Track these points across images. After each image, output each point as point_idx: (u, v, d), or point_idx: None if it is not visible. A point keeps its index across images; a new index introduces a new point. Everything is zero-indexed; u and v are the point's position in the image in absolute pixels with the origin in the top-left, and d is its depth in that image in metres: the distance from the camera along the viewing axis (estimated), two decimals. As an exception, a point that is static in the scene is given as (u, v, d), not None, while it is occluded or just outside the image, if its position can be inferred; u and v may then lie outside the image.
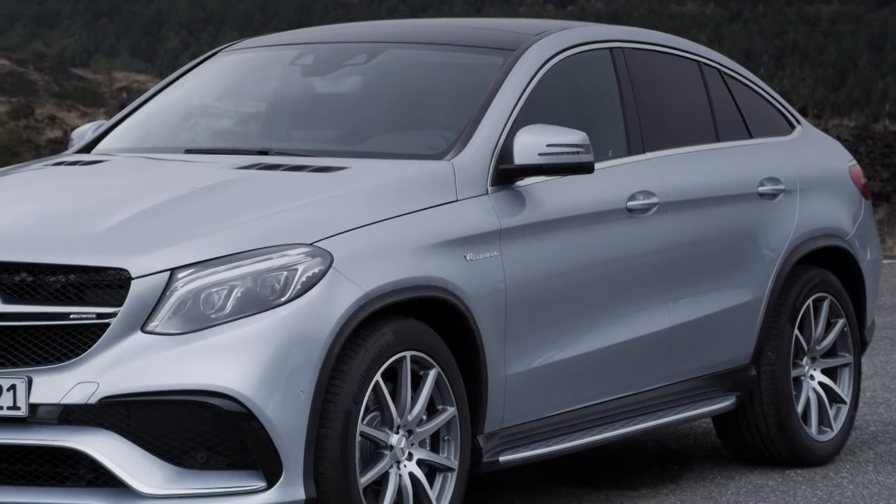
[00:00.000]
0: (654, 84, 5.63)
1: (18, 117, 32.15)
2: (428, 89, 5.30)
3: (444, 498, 4.58)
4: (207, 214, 4.45)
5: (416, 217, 4.63)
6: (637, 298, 5.31)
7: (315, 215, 4.47)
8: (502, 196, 4.90)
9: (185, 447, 4.18)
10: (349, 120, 5.30)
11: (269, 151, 5.08)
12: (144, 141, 5.43)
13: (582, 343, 5.09)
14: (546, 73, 5.22)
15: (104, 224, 4.38)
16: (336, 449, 4.27)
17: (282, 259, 4.30)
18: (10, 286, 4.28)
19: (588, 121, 5.31)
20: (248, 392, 4.16)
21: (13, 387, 4.20)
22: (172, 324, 4.22)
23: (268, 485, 4.18)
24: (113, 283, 4.24)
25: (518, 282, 4.84)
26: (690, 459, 6.04)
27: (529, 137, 4.90)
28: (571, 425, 5.11)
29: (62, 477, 4.21)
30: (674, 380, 5.50)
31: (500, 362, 4.78)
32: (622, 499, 5.41)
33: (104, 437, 4.16)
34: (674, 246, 5.44)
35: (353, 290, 4.34)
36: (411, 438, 4.53)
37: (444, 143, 4.96)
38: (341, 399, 4.30)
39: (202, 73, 5.70)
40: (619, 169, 5.35)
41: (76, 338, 4.23)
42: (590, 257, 5.13)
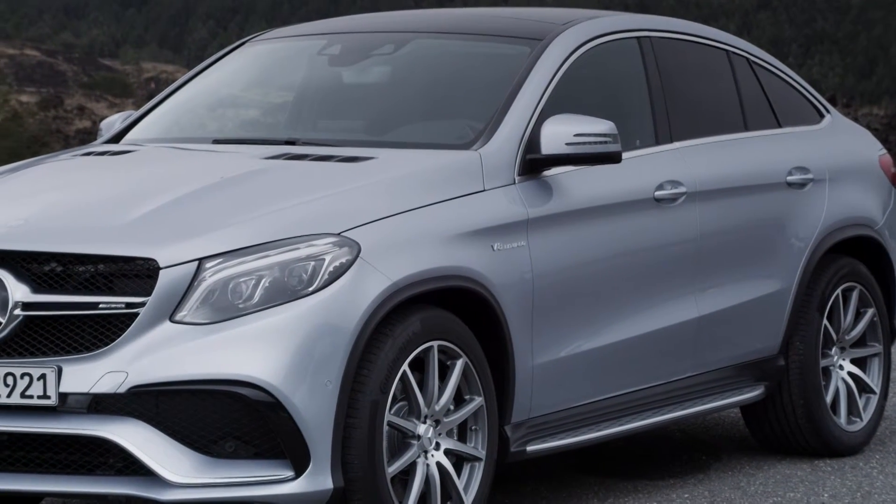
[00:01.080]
0: (681, 73, 5.61)
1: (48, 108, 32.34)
2: (455, 79, 5.30)
3: (472, 488, 4.58)
4: (235, 204, 4.46)
5: (443, 207, 4.63)
6: (664, 288, 5.30)
7: (342, 205, 4.48)
8: (529, 186, 4.89)
9: (214, 436, 4.20)
10: (376, 110, 5.31)
11: (297, 141, 5.09)
12: (172, 131, 5.45)
13: (609, 333, 5.08)
14: (573, 62, 5.21)
15: (133, 214, 4.40)
16: (363, 439, 4.28)
17: (309, 249, 4.31)
18: (39, 276, 4.30)
19: (616, 110, 5.29)
20: (275, 382, 4.17)
21: (43, 376, 4.22)
22: (201, 313, 4.24)
23: (295, 474, 4.20)
24: (141, 273, 4.26)
25: (545, 272, 4.83)
26: (718, 449, 6.03)
27: (557, 127, 4.89)
28: (599, 415, 5.11)
29: (92, 465, 4.23)
30: (702, 370, 5.49)
31: (528, 352, 4.78)
32: (650, 489, 5.40)
33: (133, 426, 4.18)
34: (701, 236, 5.43)
35: (381, 280, 4.35)
36: (439, 428, 4.54)
37: (471, 133, 4.96)
38: (369, 389, 4.30)
39: (230, 63, 5.71)
40: (646, 158, 5.34)
41: (105, 327, 4.25)
42: (617, 247, 5.12)
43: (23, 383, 4.23)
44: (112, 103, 33.78)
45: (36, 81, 37.65)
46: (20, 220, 4.41)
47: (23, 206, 4.54)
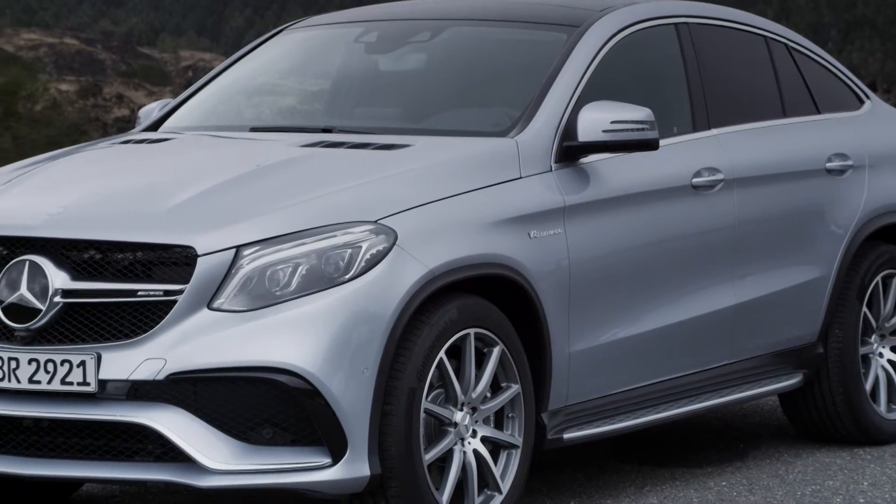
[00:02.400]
0: (719, 60, 5.58)
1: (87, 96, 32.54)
2: (492, 66, 5.29)
3: (509, 475, 4.59)
4: (272, 192, 4.48)
5: (479, 194, 4.63)
6: (702, 275, 5.28)
7: (379, 193, 4.48)
8: (566, 173, 4.88)
9: (251, 423, 4.21)
10: (413, 97, 5.30)
11: (333, 129, 5.10)
12: (210, 119, 5.47)
13: (646, 320, 5.07)
14: (611, 49, 5.19)
15: (171, 202, 4.42)
16: (400, 426, 4.29)
17: (346, 237, 4.32)
18: (79, 263, 4.33)
19: (653, 97, 5.27)
20: (313, 369, 4.18)
21: (83, 363, 4.25)
22: (238, 301, 4.25)
23: (333, 461, 4.21)
24: (179, 261, 4.28)
25: (582, 259, 4.82)
26: (757, 437, 6.01)
27: (594, 114, 4.88)
28: (636, 403, 5.10)
29: (131, 452, 4.26)
30: (739, 357, 5.47)
31: (564, 339, 4.77)
32: (687, 476, 5.39)
33: (171, 412, 4.21)
34: (739, 223, 5.40)
35: (418, 268, 4.35)
36: (475, 416, 4.54)
37: (507, 121, 4.95)
38: (405, 376, 4.31)
39: (267, 51, 5.72)
40: (684, 145, 5.31)
41: (144, 315, 4.27)
42: (654, 234, 5.10)
43: (63, 370, 4.26)
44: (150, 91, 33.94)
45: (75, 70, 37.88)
46: (60, 208, 4.44)
47: (62, 194, 4.57)
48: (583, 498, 5.10)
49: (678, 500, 5.07)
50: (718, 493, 5.17)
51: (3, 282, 4.34)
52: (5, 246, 4.42)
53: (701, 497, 5.11)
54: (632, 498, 5.10)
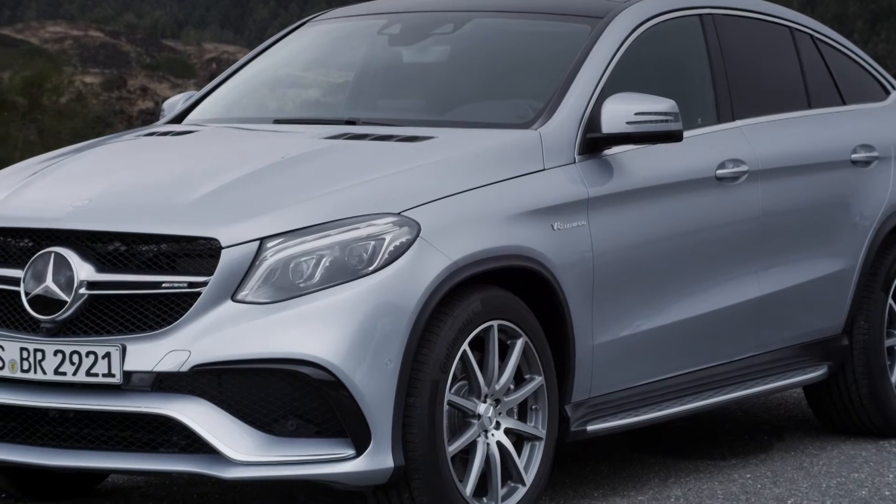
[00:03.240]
0: (744, 51, 5.55)
1: (111, 88, 32.64)
2: (515, 58, 5.28)
3: (532, 467, 4.59)
4: (296, 184, 4.48)
5: (503, 186, 4.63)
6: (726, 267, 5.26)
7: (402, 185, 4.48)
8: (590, 165, 4.87)
9: (275, 415, 4.22)
10: (436, 89, 5.30)
11: (357, 121, 5.10)
12: (234, 111, 5.48)
13: (670, 312, 5.06)
14: (634, 40, 5.18)
15: (195, 194, 4.43)
16: (424, 418, 4.29)
17: (369, 228, 4.32)
18: (103, 255, 4.35)
19: (677, 89, 5.26)
20: (336, 361, 4.19)
21: (108, 354, 4.27)
22: (262, 293, 4.26)
23: (356, 452, 4.22)
24: (203, 253, 4.29)
25: (606, 251, 4.81)
26: (781, 430, 5.99)
27: (617, 106, 4.87)
28: (660, 395, 5.09)
29: (156, 443, 4.28)
30: (764, 349, 5.45)
31: (588, 331, 4.77)
32: (711, 469, 5.38)
33: (196, 404, 4.22)
34: (764, 214, 5.38)
35: (441, 260, 4.35)
36: (499, 407, 4.54)
37: (531, 112, 4.95)
38: (429, 368, 4.31)
39: (290, 43, 5.73)
40: (708, 137, 5.30)
41: (168, 306, 4.28)
42: (678, 226, 5.09)
43: (88, 361, 4.28)
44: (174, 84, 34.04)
45: (100, 62, 38.00)
46: (85, 200, 4.46)
47: (87, 186, 4.59)
48: (606, 490, 5.10)
49: (702, 492, 5.07)
50: (742, 485, 5.16)
51: (28, 273, 4.36)
52: (31, 238, 4.44)
53: (725, 489, 5.10)
54: (655, 490, 5.09)
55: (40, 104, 26.81)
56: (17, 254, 4.44)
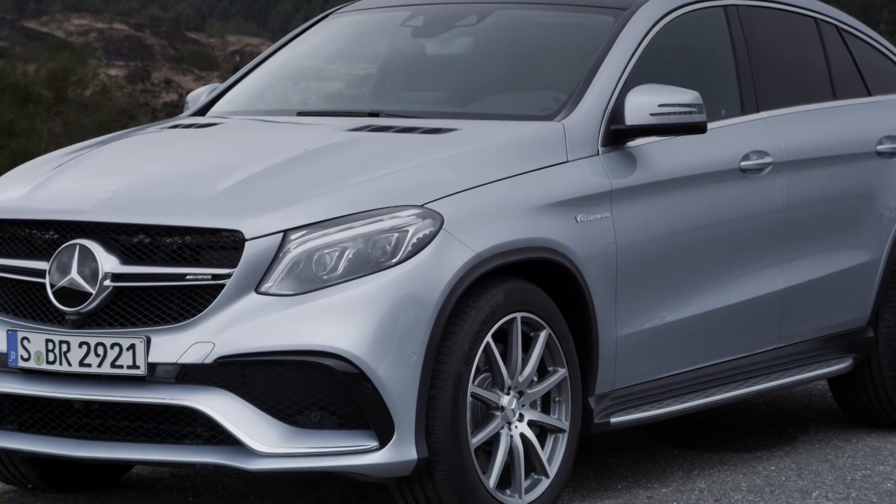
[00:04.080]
0: (768, 42, 5.53)
1: (135, 81, 32.75)
2: (538, 50, 5.27)
3: (556, 459, 4.58)
4: (319, 176, 4.49)
5: (526, 178, 4.62)
6: (750, 259, 5.25)
7: (425, 177, 4.48)
8: (613, 157, 4.87)
9: (299, 407, 4.23)
10: (459, 81, 5.30)
11: (380, 113, 5.10)
12: (257, 104, 5.49)
13: (694, 304, 5.05)
14: (658, 32, 5.16)
15: (219, 186, 4.44)
16: (447, 410, 4.29)
17: (393, 221, 4.32)
18: (128, 247, 4.36)
19: (701, 80, 5.24)
20: (359, 353, 4.19)
21: (132, 346, 4.28)
22: (285, 285, 4.27)
23: (380, 444, 4.22)
24: (227, 245, 4.30)
25: (629, 243, 4.80)
26: (805, 422, 5.98)
27: (641, 97, 4.86)
28: (683, 387, 5.08)
29: (180, 435, 4.29)
30: (788, 341, 5.44)
31: (611, 324, 4.76)
32: (735, 461, 5.37)
33: (220, 396, 4.23)
34: (788, 206, 5.36)
35: (464, 252, 4.35)
36: (522, 400, 4.54)
37: (554, 104, 4.94)
38: (452, 360, 4.31)
39: (314, 35, 5.73)
40: (732, 128, 5.28)
41: (192, 298, 4.30)
42: (702, 218, 5.08)
43: (113, 353, 4.30)
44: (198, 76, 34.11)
45: (124, 55, 38.11)
46: (109, 193, 4.47)
47: (112, 178, 4.60)
48: (630, 482, 5.09)
49: (726, 484, 5.06)
50: (767, 477, 5.15)
51: (54, 266, 4.38)
52: (56, 230, 4.46)
53: (749, 482, 5.09)
54: (679, 482, 5.08)
55: (65, 97, 26.93)
56: (43, 246, 4.46)
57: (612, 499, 4.88)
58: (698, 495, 4.93)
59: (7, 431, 4.47)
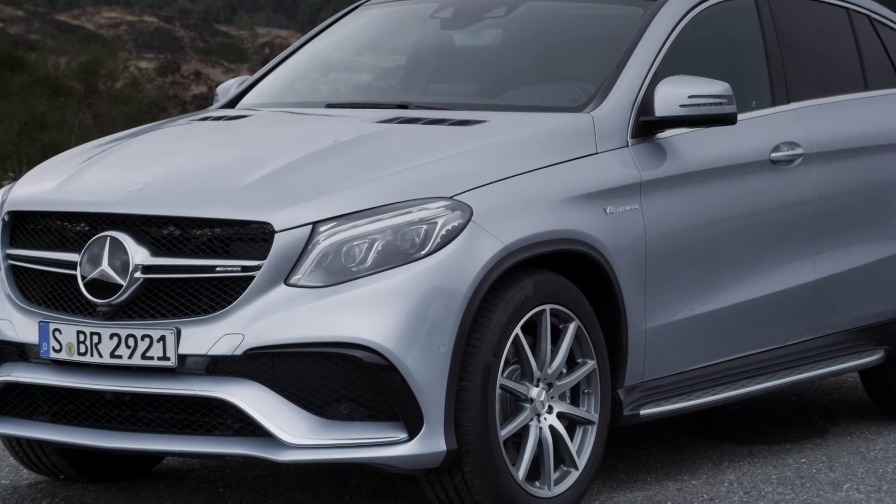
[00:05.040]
0: (799, 32, 5.50)
1: (165, 73, 32.84)
2: (567, 41, 5.26)
3: (585, 451, 4.58)
4: (348, 168, 4.49)
5: (555, 170, 4.62)
6: (781, 251, 5.23)
7: (454, 169, 4.48)
8: (642, 148, 4.85)
9: (328, 398, 4.24)
10: (488, 73, 5.29)
11: (409, 105, 5.10)
12: (286, 96, 5.50)
13: (724, 296, 5.03)
14: (688, 22, 5.14)
15: (248, 178, 4.45)
16: (476, 401, 4.29)
17: (421, 213, 4.32)
18: (158, 239, 4.38)
19: (731, 71, 5.22)
20: (388, 344, 4.20)
21: (163, 338, 4.30)
22: (315, 277, 4.28)
23: (409, 436, 4.23)
24: (257, 237, 4.31)
25: (659, 235, 4.79)
26: (837, 414, 5.95)
27: (671, 89, 4.84)
28: (713, 379, 5.06)
29: (210, 426, 4.31)
30: (819, 333, 5.41)
31: (641, 316, 4.75)
32: (766, 453, 5.35)
33: (250, 387, 4.24)
34: (819, 197, 5.34)
35: (493, 244, 4.35)
36: (551, 391, 4.53)
37: (583, 96, 4.93)
38: (481, 352, 4.31)
39: (343, 28, 5.74)
40: (762, 120, 5.26)
41: (222, 290, 4.31)
42: (732, 210, 5.06)
43: (143, 345, 4.32)
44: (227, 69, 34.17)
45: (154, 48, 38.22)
46: (140, 185, 4.49)
47: (142, 170, 4.62)
48: (659, 474, 5.08)
49: (756, 476, 5.04)
50: (797, 469, 5.13)
51: (85, 258, 4.40)
52: (87, 222, 4.48)
53: (780, 474, 5.07)
54: (709, 474, 5.07)
55: (96, 89, 27.04)
56: (74, 238, 4.49)
57: (642, 491, 4.87)
58: (728, 487, 4.92)
59: (39, 422, 4.50)
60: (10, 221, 4.64)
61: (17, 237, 4.62)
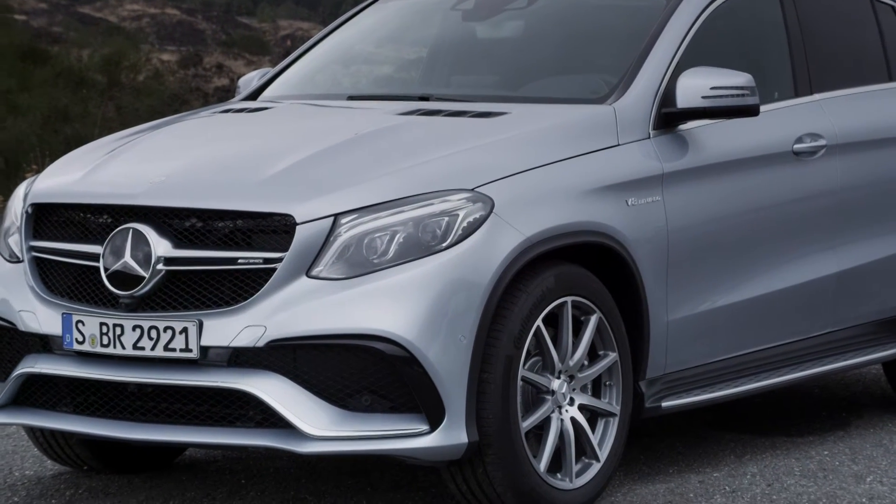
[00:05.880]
0: (822, 23, 5.48)
1: (187, 66, 32.88)
2: (589, 33, 5.25)
3: (606, 443, 4.58)
4: (369, 160, 4.49)
5: (577, 162, 4.61)
6: (803, 243, 5.21)
7: (476, 161, 4.48)
8: (664, 140, 4.84)
9: (350, 390, 4.25)
10: (510, 65, 5.29)
11: (430, 97, 5.10)
12: (308, 88, 5.50)
13: (746, 288, 5.02)
14: (711, 13, 5.12)
15: (270, 170, 4.45)
16: (498, 393, 4.29)
17: (443, 204, 4.32)
18: (180, 231, 4.39)
19: (753, 62, 5.20)
20: (410, 336, 4.20)
21: (185, 329, 4.31)
22: (336, 269, 4.28)
23: (430, 428, 4.23)
24: (279, 229, 4.31)
25: (680, 226, 4.78)
26: (859, 406, 5.93)
27: (693, 80, 4.82)
28: (735, 371, 5.05)
29: (232, 418, 4.32)
30: (841, 325, 5.39)
31: (662, 308, 4.74)
32: (788, 445, 5.33)
33: (272, 379, 4.25)
34: (842, 189, 5.32)
35: (514, 236, 4.35)
36: (573, 383, 4.53)
37: (605, 87, 4.92)
38: (503, 344, 4.31)
39: (364, 19, 5.74)
40: (785, 111, 5.24)
41: (244, 282, 4.32)
42: (754, 201, 5.04)
43: (165, 336, 4.33)
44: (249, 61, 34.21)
45: (176, 40, 38.28)
46: (162, 177, 4.50)
47: (164, 163, 4.63)
48: (681, 466, 5.07)
49: (778, 469, 5.03)
50: (820, 462, 5.12)
51: (107, 249, 4.42)
52: (109, 214, 4.50)
53: (802, 466, 5.06)
54: (731, 466, 5.06)
55: (118, 82, 27.11)
56: (97, 230, 4.50)
57: (664, 483, 4.86)
58: (750, 479, 4.91)
59: (62, 414, 4.52)
60: (33, 213, 4.66)
61: (41, 229, 4.64)
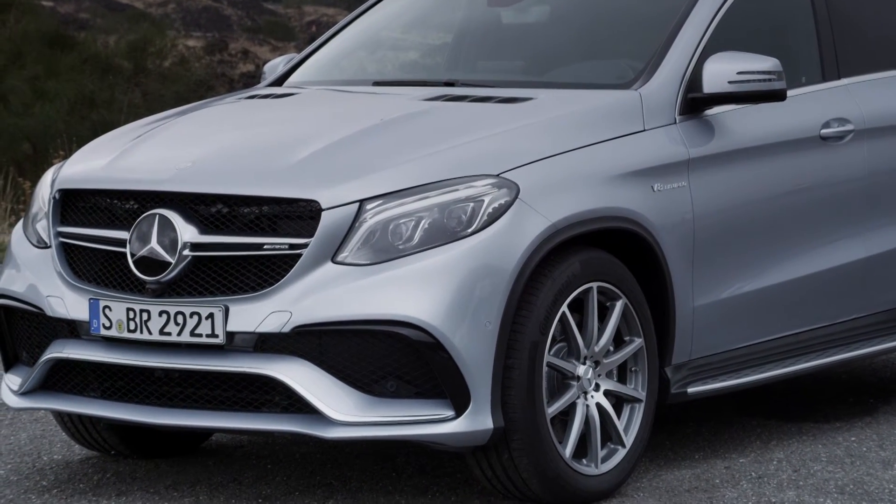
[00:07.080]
0: (850, 6, 5.44)
1: (213, 52, 32.95)
2: (615, 18, 5.23)
3: (632, 429, 4.57)
4: (395, 146, 4.49)
5: (602, 147, 4.60)
6: (831, 228, 5.18)
7: (501, 146, 4.47)
8: (690, 125, 4.82)
9: (375, 376, 4.25)
10: (535, 50, 5.27)
11: (456, 83, 5.09)
12: (333, 74, 5.50)
13: (773, 274, 5.00)
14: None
15: (295, 156, 4.46)
16: (523, 379, 4.29)
17: (468, 190, 4.32)
18: (206, 217, 4.40)
19: (780, 47, 5.17)
20: (435, 322, 4.20)
21: (211, 315, 4.33)
22: (362, 254, 4.29)
23: (456, 414, 4.23)
24: (304, 215, 4.32)
25: (706, 212, 4.76)
26: (887, 392, 5.90)
27: (719, 65, 4.80)
28: (762, 357, 5.04)
29: (258, 403, 4.33)
30: (869, 311, 5.37)
31: (688, 293, 4.73)
32: (815, 431, 5.32)
33: (297, 365, 4.26)
34: (870, 174, 5.29)
35: (540, 221, 4.34)
36: (598, 369, 4.53)
37: (631, 73, 4.90)
38: (528, 330, 4.31)
39: (389, 5, 5.73)
40: (812, 96, 5.21)
41: (270, 268, 4.33)
42: (781, 187, 5.02)
43: (192, 322, 4.34)
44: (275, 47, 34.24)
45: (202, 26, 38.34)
46: (188, 163, 4.51)
47: (190, 149, 4.64)
48: (707, 452, 5.07)
49: (805, 455, 5.01)
50: (847, 448, 5.10)
51: (134, 235, 4.43)
52: (136, 200, 4.51)
53: (829, 452, 5.04)
54: (757, 452, 5.05)
55: (145, 68, 27.19)
56: (123, 216, 4.52)
57: (690, 468, 4.86)
58: (777, 465, 4.89)
59: (90, 399, 4.54)
60: (60, 199, 4.68)
61: (68, 215, 4.66)
